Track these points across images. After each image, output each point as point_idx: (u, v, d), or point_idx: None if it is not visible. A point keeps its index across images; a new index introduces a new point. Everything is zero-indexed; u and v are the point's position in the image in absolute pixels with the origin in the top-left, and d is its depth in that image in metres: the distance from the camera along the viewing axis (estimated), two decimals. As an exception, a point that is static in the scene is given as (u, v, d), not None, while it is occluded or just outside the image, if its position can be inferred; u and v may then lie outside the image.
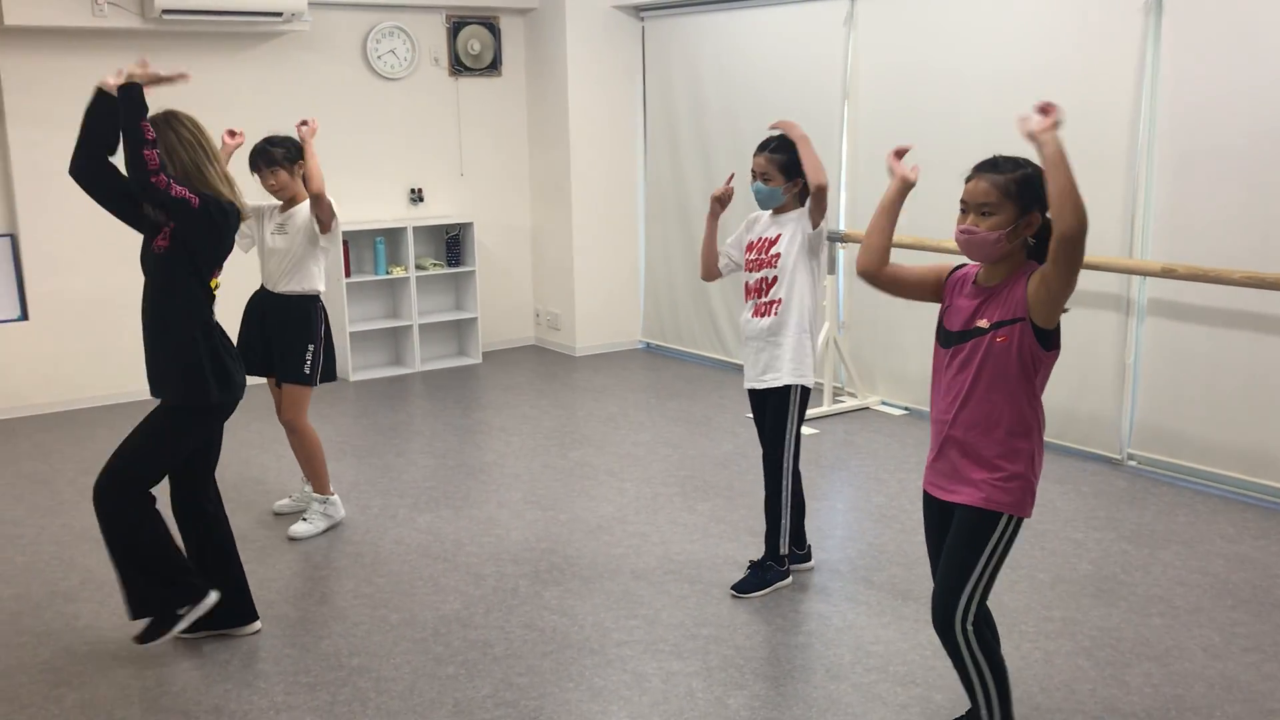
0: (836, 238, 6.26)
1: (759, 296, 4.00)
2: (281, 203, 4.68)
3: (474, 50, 7.72)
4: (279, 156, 4.56)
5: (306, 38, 7.08)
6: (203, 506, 3.68)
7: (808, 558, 4.26)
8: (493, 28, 7.79)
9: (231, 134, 4.66)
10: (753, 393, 4.08)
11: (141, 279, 3.63)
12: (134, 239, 3.71)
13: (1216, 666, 3.49)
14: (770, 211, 4.02)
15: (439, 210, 7.80)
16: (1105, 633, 3.72)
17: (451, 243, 7.72)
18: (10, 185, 6.42)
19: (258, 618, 3.80)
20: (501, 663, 3.57)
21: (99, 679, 3.51)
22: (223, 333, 3.62)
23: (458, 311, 7.88)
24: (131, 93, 3.35)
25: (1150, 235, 5.21)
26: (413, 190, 7.67)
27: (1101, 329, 5.41)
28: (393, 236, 7.51)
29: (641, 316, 8.24)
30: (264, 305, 4.66)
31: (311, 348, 4.59)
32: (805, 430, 3.89)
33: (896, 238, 3.00)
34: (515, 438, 6.04)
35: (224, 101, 6.86)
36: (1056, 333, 2.66)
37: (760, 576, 4.06)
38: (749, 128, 7.03)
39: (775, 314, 3.94)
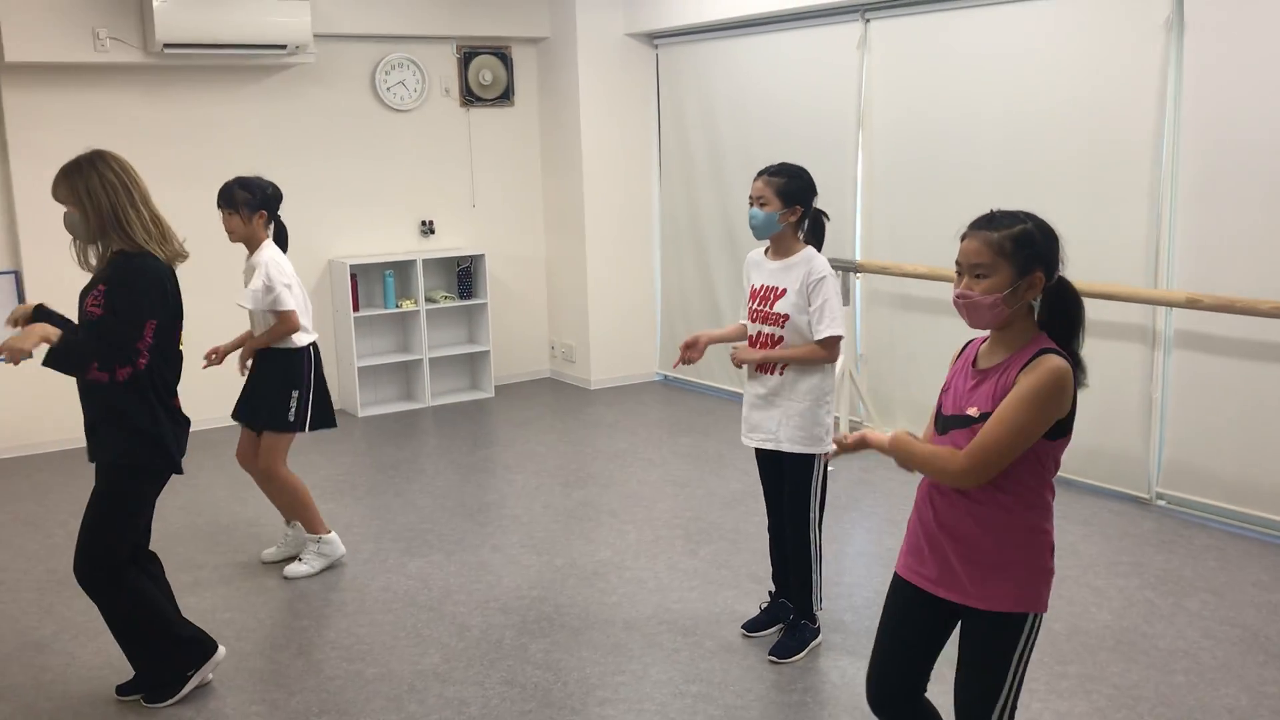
0: (851, 267, 6.05)
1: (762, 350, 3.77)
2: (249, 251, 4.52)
3: (485, 80, 7.62)
4: (239, 200, 4.42)
5: (313, 70, 7.00)
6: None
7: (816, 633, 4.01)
8: (504, 57, 7.69)
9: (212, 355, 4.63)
10: (759, 451, 3.86)
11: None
12: None
13: (1243, 731, 3.23)
14: (770, 251, 3.78)
15: (450, 242, 7.68)
16: (1123, 691, 3.47)
17: (463, 275, 7.59)
18: (14, 221, 6.38)
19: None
20: (476, 723, 3.38)
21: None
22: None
23: (470, 344, 7.74)
24: (55, 361, 3.20)
25: (1175, 264, 4.96)
26: (423, 222, 7.56)
27: (1127, 362, 5.16)
28: (402, 269, 7.40)
29: (658, 348, 8.06)
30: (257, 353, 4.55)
31: (296, 393, 4.45)
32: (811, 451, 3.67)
33: (911, 268, 2.67)
34: (519, 476, 5.87)
35: (230, 136, 6.80)
36: (1063, 421, 2.35)
37: (797, 638, 3.81)
38: (763, 154, 6.85)
39: (781, 374, 3.71)
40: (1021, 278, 2.36)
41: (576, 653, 3.83)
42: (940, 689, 2.65)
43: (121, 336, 3.22)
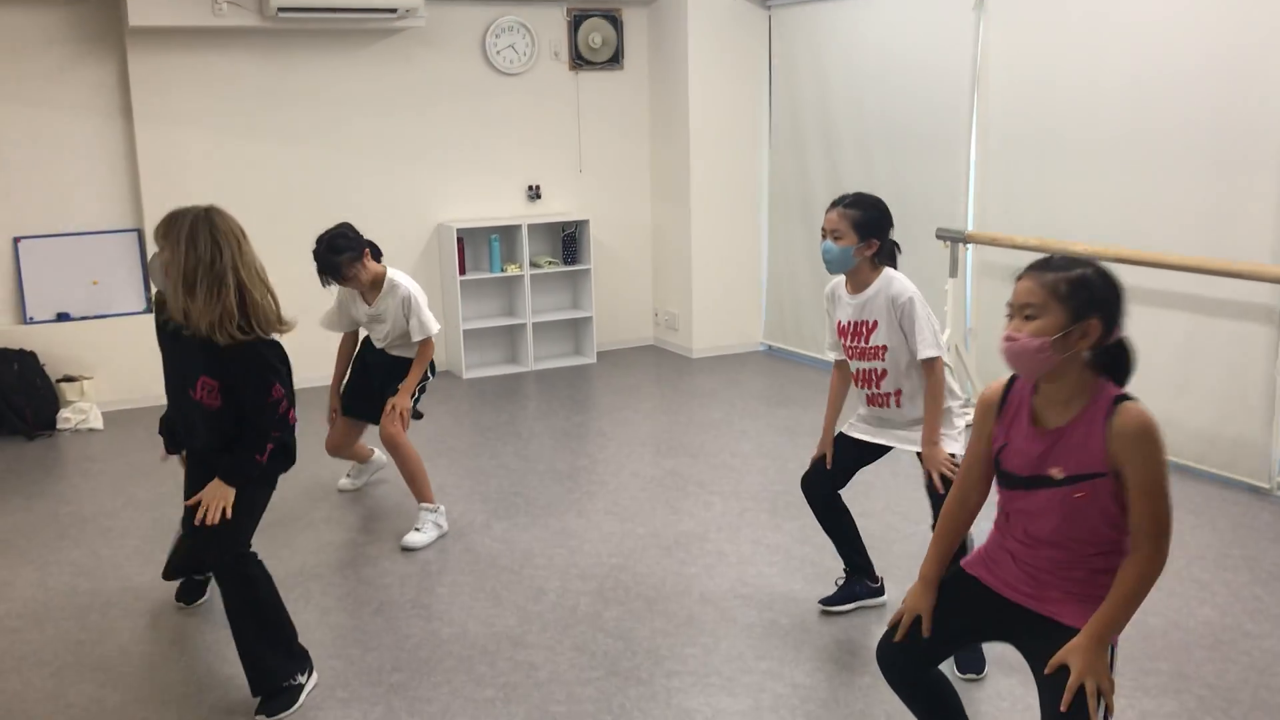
0: (960, 238, 5.85)
1: (870, 387, 3.63)
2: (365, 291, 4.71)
3: (595, 44, 7.58)
4: (347, 261, 4.52)
5: (423, 34, 7.07)
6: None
7: (880, 591, 3.93)
8: (615, 20, 7.63)
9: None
10: (859, 442, 3.73)
11: (272, 273, 3.56)
12: (256, 234, 3.61)
13: (1345, 742, 3.03)
14: (847, 286, 3.61)
15: (556, 207, 7.70)
16: (1216, 692, 3.29)
17: (568, 240, 7.60)
18: (137, 181, 6.61)
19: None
20: (542, 688, 3.39)
21: (144, 678, 3.50)
22: None
23: (574, 310, 7.76)
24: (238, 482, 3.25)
25: (1306, 240, 4.65)
26: (530, 187, 7.59)
27: (1250, 343, 4.87)
28: (508, 234, 7.44)
29: (763, 317, 7.96)
30: (375, 358, 4.81)
31: (422, 385, 4.72)
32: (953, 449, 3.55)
33: (1023, 240, 2.48)
34: (612, 443, 5.87)
35: (341, 99, 6.92)
36: None
37: (848, 590, 3.85)
38: (876, 121, 6.68)
39: (897, 405, 3.60)
40: (1075, 323, 2.25)
41: (649, 623, 3.81)
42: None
43: (265, 425, 3.26)
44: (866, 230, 3.48)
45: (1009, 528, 2.47)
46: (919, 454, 3.56)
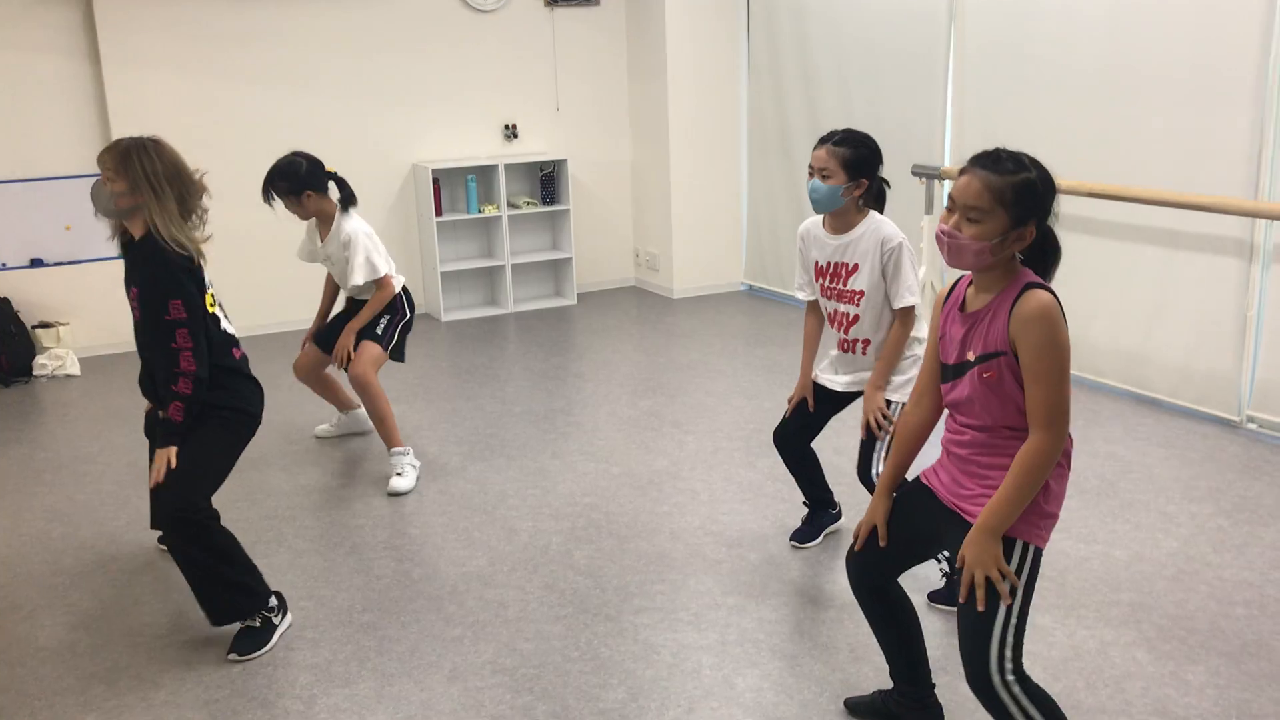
0: (935, 174, 5.82)
1: (841, 330, 3.60)
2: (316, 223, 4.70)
3: (570, -20, 7.46)
4: (283, 190, 4.49)
5: (395, -29, 6.96)
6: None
7: (839, 515, 3.99)
8: (590, -44, 7.51)
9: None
10: (826, 390, 3.71)
11: (245, 216, 3.53)
12: (229, 177, 3.59)
13: (1298, 669, 3.08)
14: (826, 226, 3.53)
15: (533, 147, 7.63)
16: (1176, 621, 3.33)
17: (546, 180, 7.55)
18: (107, 125, 6.54)
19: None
20: (511, 626, 3.43)
21: (116, 622, 3.53)
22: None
23: (553, 251, 7.73)
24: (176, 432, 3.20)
25: (1278, 176, 4.63)
26: (506, 126, 7.52)
27: (1221, 277, 4.87)
28: (485, 174, 7.39)
29: (743, 258, 7.93)
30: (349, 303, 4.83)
31: (387, 317, 4.65)
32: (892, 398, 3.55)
33: None
34: (589, 384, 5.88)
35: (313, 39, 6.82)
36: None
37: (815, 523, 3.95)
38: (854, 57, 6.61)
39: (863, 354, 3.57)
40: (1014, 229, 2.26)
41: (620, 560, 3.84)
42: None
43: (168, 364, 3.21)
44: (857, 169, 3.38)
45: (950, 424, 2.51)
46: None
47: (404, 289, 4.74)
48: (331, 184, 4.61)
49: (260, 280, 6.95)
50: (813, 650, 3.25)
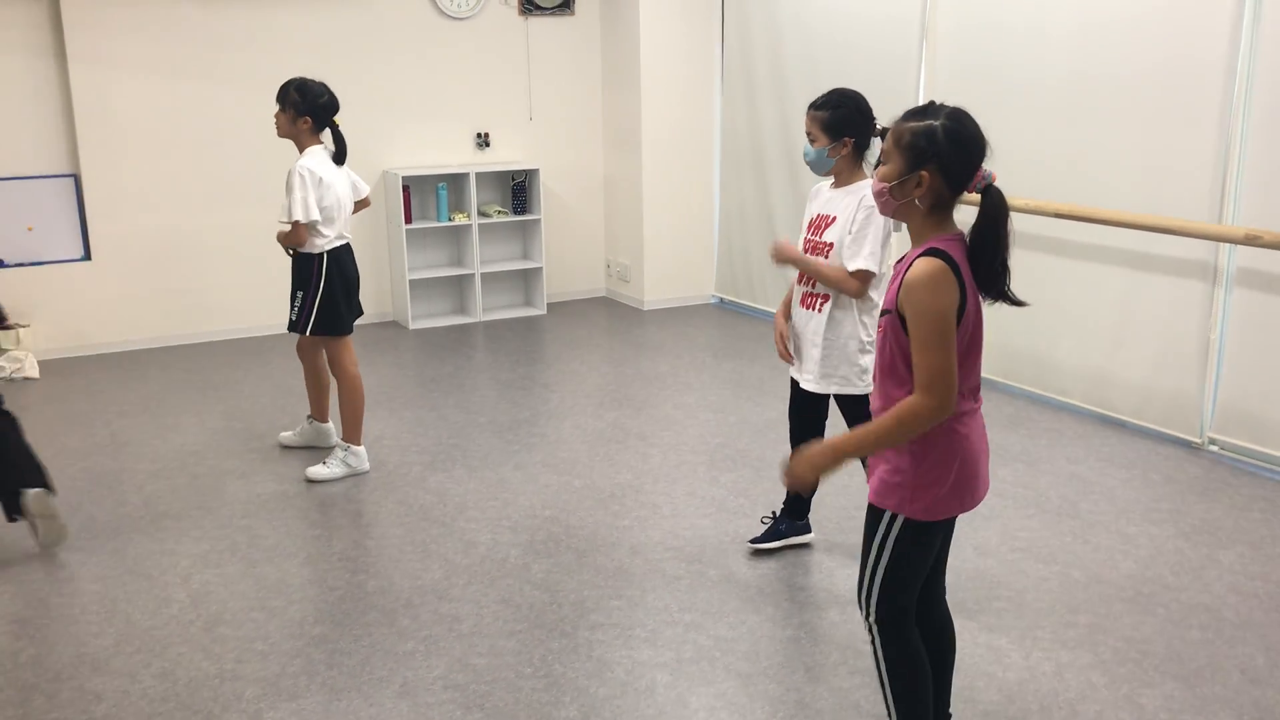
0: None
1: (806, 284, 3.62)
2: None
3: (545, -11, 7.44)
4: (289, 100, 4.51)
5: (368, -24, 6.92)
6: None
7: (807, 529, 3.97)
8: (565, -34, 7.49)
9: None
10: (794, 382, 3.75)
11: (206, 220, 3.58)
12: (196, 181, 3.56)
13: (1252, 693, 3.07)
14: (832, 180, 3.60)
15: (505, 156, 7.60)
16: (1132, 644, 3.33)
17: (517, 189, 7.52)
18: (72, 125, 6.46)
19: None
20: (464, 640, 3.38)
21: (57, 630, 3.46)
22: None
23: (523, 260, 7.69)
24: None
25: (1241, 199, 4.65)
26: (479, 135, 7.48)
27: (1185, 299, 4.89)
28: (456, 182, 7.35)
29: (715, 270, 7.92)
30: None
31: (301, 294, 4.56)
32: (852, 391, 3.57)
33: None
34: (555, 395, 5.84)
35: (282, 42, 6.77)
36: None
37: (776, 530, 3.94)
38: (827, 71, 6.61)
39: (821, 311, 3.56)
40: (909, 173, 2.30)
41: (577, 575, 3.80)
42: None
43: None
44: (837, 130, 3.47)
45: None
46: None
47: (329, 255, 4.52)
48: (329, 133, 4.57)
49: (224, 282, 6.88)
50: (769, 670, 3.22)
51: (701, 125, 7.62)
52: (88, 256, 6.62)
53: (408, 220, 7.15)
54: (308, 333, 4.58)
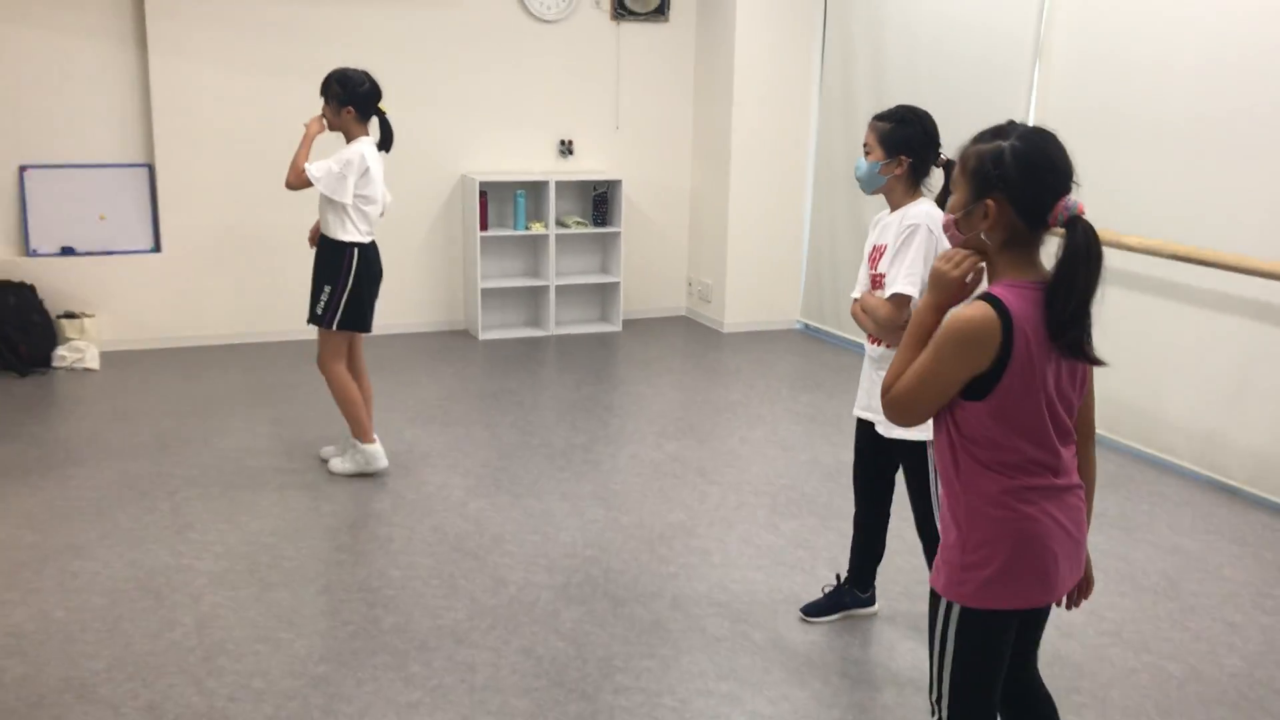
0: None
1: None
2: None
3: (639, -6, 7.16)
4: (332, 92, 4.44)
5: (455, -26, 6.71)
6: None
7: (871, 601, 3.58)
8: (662, -30, 7.20)
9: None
10: (863, 423, 3.39)
11: (276, 218, 3.45)
12: (268, 176, 3.41)
13: (1377, 838, 2.60)
14: (888, 208, 3.25)
15: (588, 165, 7.33)
16: (1233, 763, 2.88)
17: (599, 200, 7.24)
18: (150, 115, 6.37)
19: None
20: (475, 695, 3.08)
21: (48, 646, 3.25)
22: None
23: (601, 274, 7.41)
24: None
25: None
26: (562, 142, 7.23)
27: (1315, 359, 4.37)
28: (535, 190, 7.10)
29: (801, 295, 7.53)
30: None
31: (328, 289, 4.41)
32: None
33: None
34: (616, 419, 5.53)
35: (366, 39, 6.60)
36: (981, 381, 1.98)
37: (835, 600, 3.56)
38: (931, 90, 6.19)
39: (890, 346, 3.21)
40: (975, 202, 2.03)
41: (610, 626, 3.48)
42: None
43: None
44: (895, 146, 3.14)
45: None
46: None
47: (359, 249, 4.42)
48: (375, 121, 4.49)
49: (290, 283, 6.72)
50: (806, 758, 2.86)
51: (794, 141, 7.25)
52: (157, 248, 6.53)
53: (483, 227, 6.92)
54: (334, 327, 4.45)
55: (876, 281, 3.21)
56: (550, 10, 7.00)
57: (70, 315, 6.27)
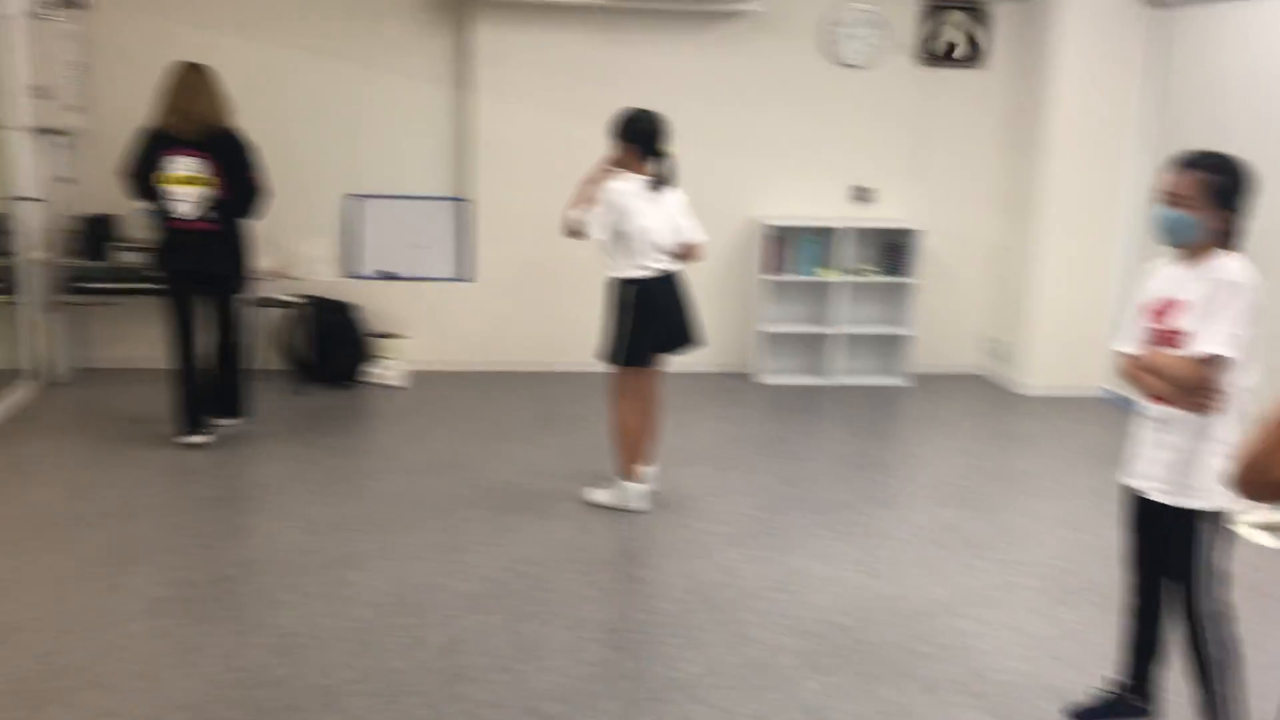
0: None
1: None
2: None
3: (952, 40, 6.90)
4: (613, 130, 4.62)
5: (762, 20, 6.71)
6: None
7: (1144, 711, 3.19)
8: (979, 14, 6.90)
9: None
10: (1137, 494, 3.10)
11: (585, 252, 4.40)
12: None
13: None
14: (1173, 258, 2.95)
15: (883, 213, 7.11)
16: None
17: (892, 249, 7.01)
18: (475, 152, 6.75)
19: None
20: (700, 757, 2.98)
21: (310, 650, 3.44)
22: None
23: (890, 325, 7.15)
24: None
25: None
26: (857, 189, 7.05)
27: None
28: (826, 236, 6.96)
29: (1109, 359, 6.95)
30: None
31: (612, 324, 4.58)
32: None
33: None
34: (891, 480, 5.29)
35: (671, 82, 6.72)
36: None
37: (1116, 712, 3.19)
38: (1275, 150, 5.58)
39: (1182, 407, 2.89)
40: None
41: (852, 703, 3.29)
42: None
43: None
44: (1225, 199, 2.84)
45: None
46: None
47: (641, 284, 4.50)
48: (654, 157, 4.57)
49: (594, 316, 6.91)
50: None
51: (1107, 196, 6.73)
52: (470, 278, 6.90)
53: (769, 270, 6.86)
54: (612, 361, 4.57)
55: (1163, 337, 2.89)
56: (857, 56, 6.87)
57: (385, 335, 6.73)
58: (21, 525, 4.36)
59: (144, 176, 5.07)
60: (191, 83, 5.09)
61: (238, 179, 5.12)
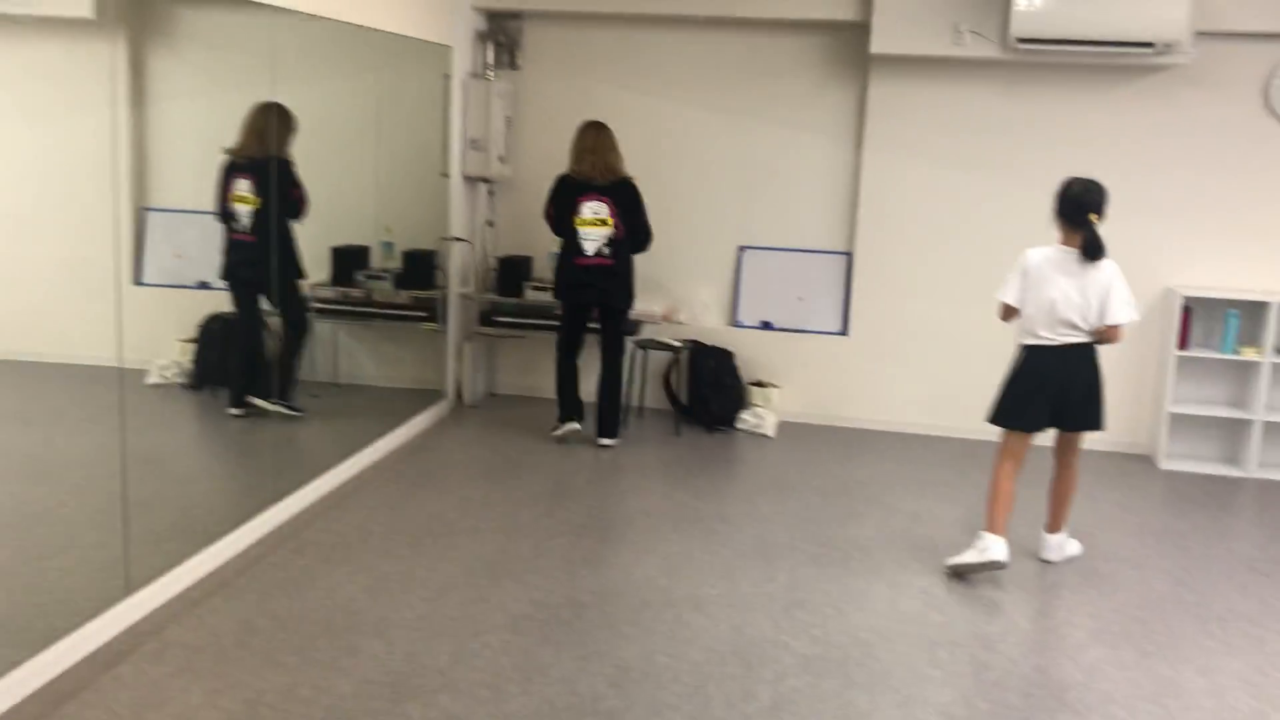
0: None
1: None
2: None
3: None
4: (1057, 207, 4.65)
5: (1187, 72, 6.17)
6: None
7: None
8: None
9: None
10: None
11: (968, 312, 3.93)
12: (965, 273, 3.74)
13: None
14: None
15: (1328, 288, 6.26)
16: None
17: (1336, 330, 6.15)
18: (855, 207, 6.74)
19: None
20: None
21: (649, 690, 3.52)
22: None
23: (1327, 415, 6.27)
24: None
25: None
26: (1296, 259, 6.28)
27: None
28: (1253, 311, 6.24)
29: None
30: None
31: (1001, 387, 4.66)
32: None
33: None
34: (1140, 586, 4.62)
35: (1077, 139, 6.37)
36: None
37: None
38: None
39: None
40: None
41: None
42: None
43: None
44: None
45: None
46: None
47: (1030, 350, 4.54)
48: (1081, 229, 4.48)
49: (977, 380, 6.65)
50: None
51: None
52: (845, 332, 6.86)
53: (1181, 346, 6.24)
54: (992, 419, 4.61)
55: None
56: (1303, 111, 6.13)
57: (759, 384, 6.84)
58: (419, 529, 4.84)
59: (561, 219, 5.91)
60: (598, 137, 5.89)
61: (632, 222, 5.89)
